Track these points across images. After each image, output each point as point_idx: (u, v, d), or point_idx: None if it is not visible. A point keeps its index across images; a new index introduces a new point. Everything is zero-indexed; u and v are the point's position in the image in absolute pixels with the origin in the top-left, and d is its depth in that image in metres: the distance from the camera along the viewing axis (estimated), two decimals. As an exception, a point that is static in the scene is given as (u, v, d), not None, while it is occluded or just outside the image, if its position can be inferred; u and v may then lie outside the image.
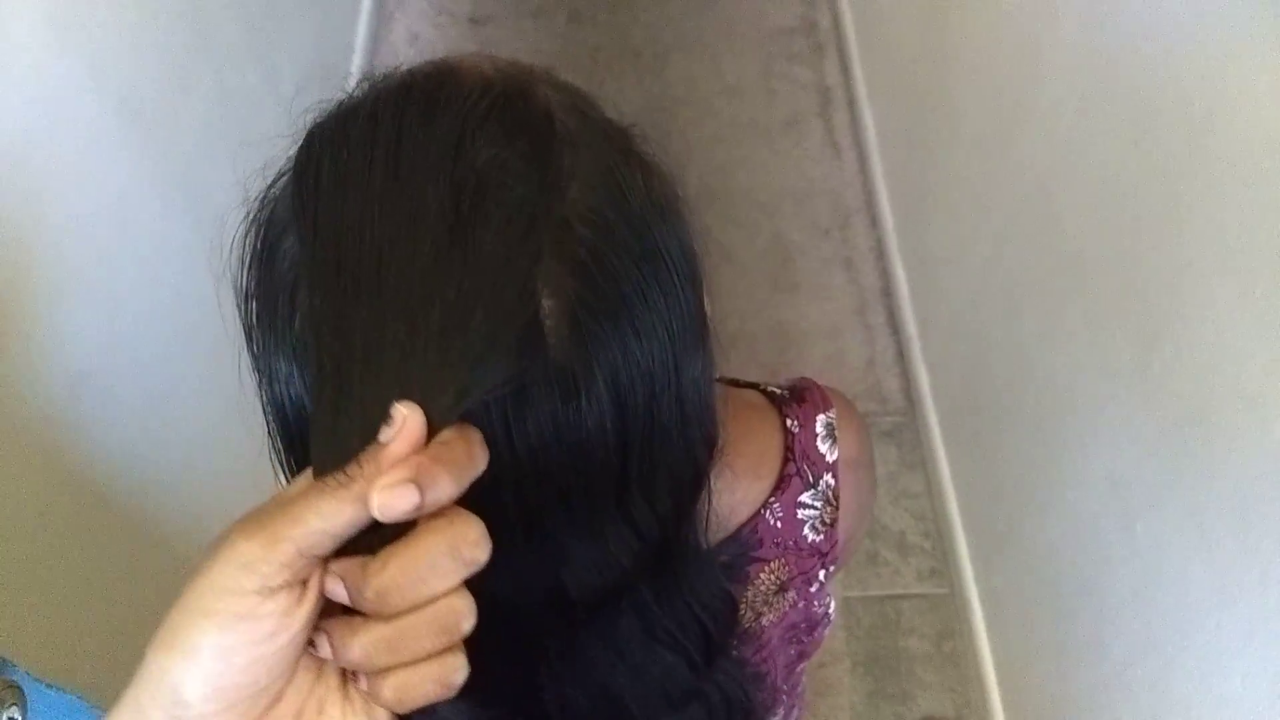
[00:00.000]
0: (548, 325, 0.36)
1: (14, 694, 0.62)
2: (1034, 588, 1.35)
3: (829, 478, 0.61)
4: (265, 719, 0.33)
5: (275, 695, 0.34)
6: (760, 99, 2.27)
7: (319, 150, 0.39)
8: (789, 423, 0.61)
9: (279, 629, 0.32)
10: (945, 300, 1.70)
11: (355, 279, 0.36)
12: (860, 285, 2.01)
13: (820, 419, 0.62)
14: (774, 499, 0.60)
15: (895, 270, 1.96)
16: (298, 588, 0.32)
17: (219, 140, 1.42)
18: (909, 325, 1.89)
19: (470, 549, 0.32)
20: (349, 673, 0.35)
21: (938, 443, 1.74)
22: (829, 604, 0.65)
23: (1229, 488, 0.85)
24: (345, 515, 0.32)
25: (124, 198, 1.16)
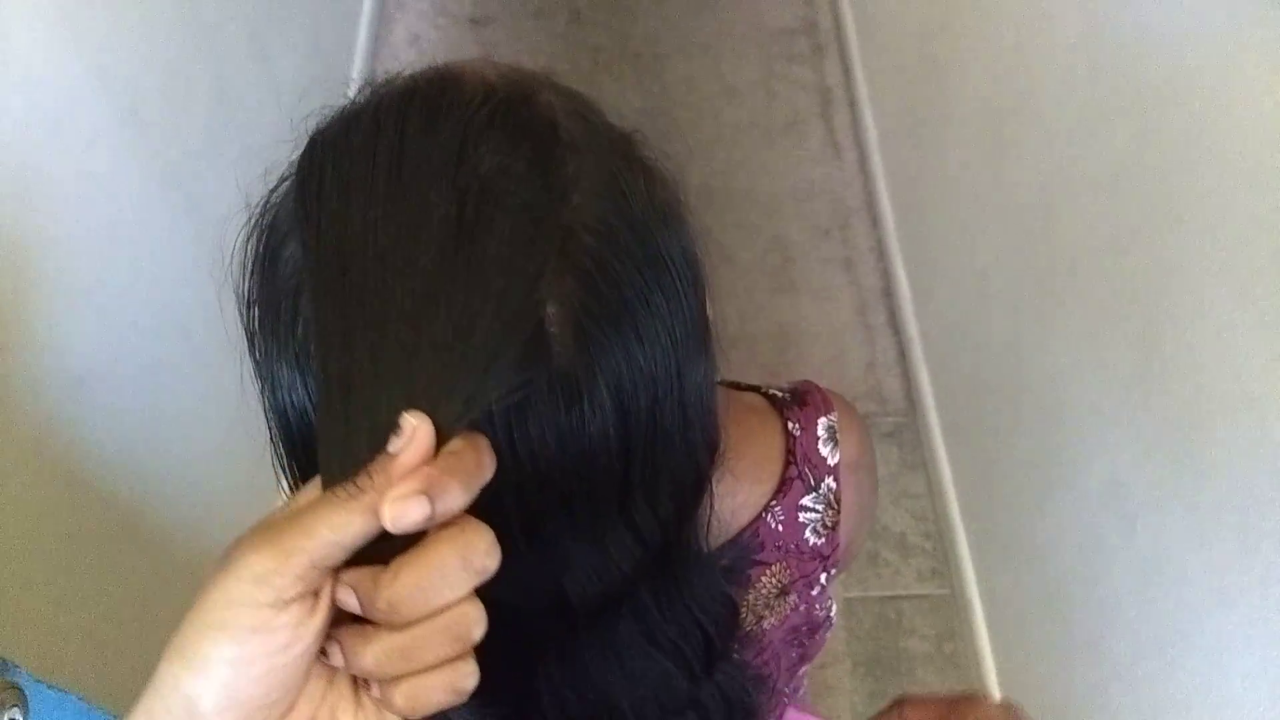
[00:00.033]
0: (552, 332, 0.36)
1: (15, 695, 0.62)
2: (1034, 588, 1.35)
3: (830, 481, 0.61)
4: None
5: (289, 705, 0.34)
6: (761, 100, 2.27)
7: (321, 158, 0.39)
8: (790, 426, 0.61)
9: (292, 640, 0.32)
10: (946, 301, 1.70)
11: (360, 287, 0.36)
12: (861, 286, 2.01)
13: (822, 422, 0.62)
14: (775, 502, 0.60)
15: (896, 271, 1.96)
16: (310, 599, 0.33)
17: (220, 143, 1.42)
18: (909, 326, 1.89)
19: (481, 558, 0.32)
20: (360, 680, 0.36)
21: (938, 444, 1.74)
22: (830, 607, 0.65)
23: (1228, 488, 0.85)
24: (356, 527, 0.32)
25: (124, 200, 1.16)
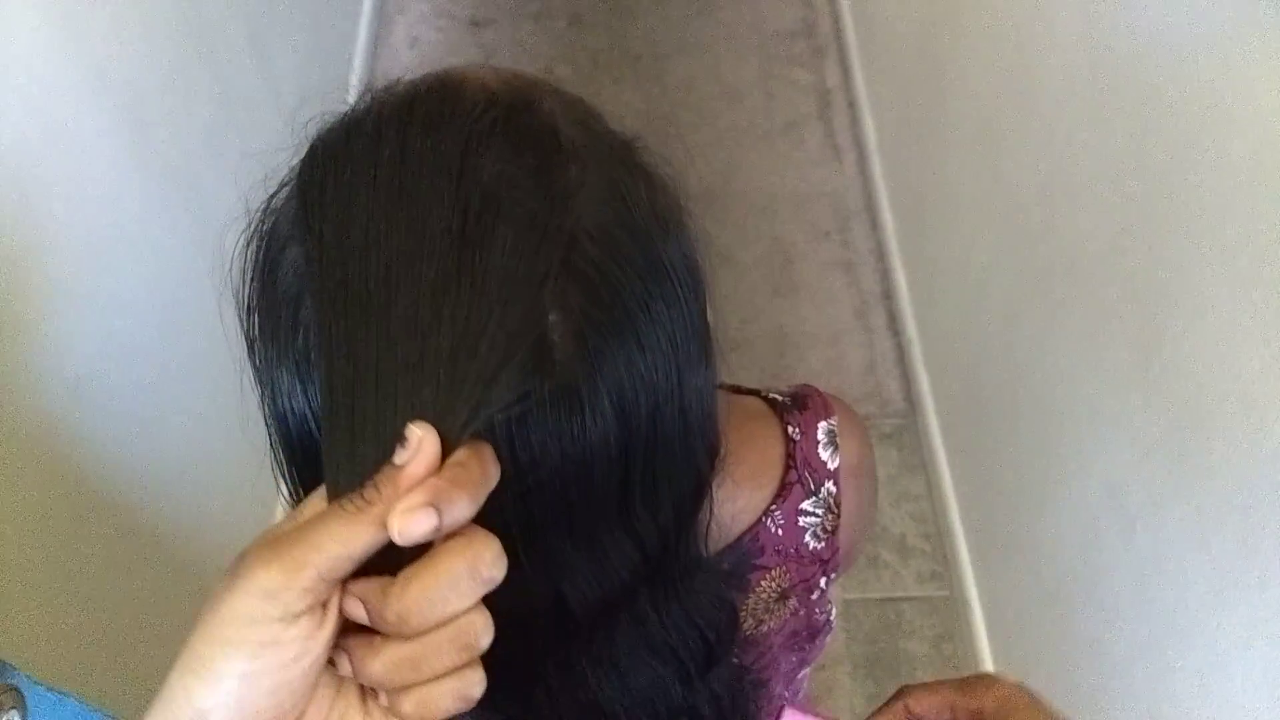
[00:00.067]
0: (555, 341, 0.36)
1: (14, 697, 0.62)
2: (1034, 590, 1.35)
3: (830, 485, 0.61)
4: None
5: (298, 714, 0.34)
6: (760, 102, 2.27)
7: (323, 166, 0.39)
8: (790, 430, 0.61)
9: (302, 653, 0.32)
10: (945, 303, 1.70)
11: (363, 298, 0.36)
12: (860, 288, 2.02)
13: (822, 426, 0.62)
14: (775, 507, 0.60)
15: (895, 273, 1.96)
16: (318, 611, 0.33)
17: (220, 144, 1.42)
18: (909, 328, 1.89)
19: (489, 568, 0.32)
20: (369, 687, 0.36)
21: (938, 445, 1.74)
22: (830, 611, 0.65)
23: (1228, 489, 0.85)
24: (364, 539, 0.32)
25: (125, 202, 1.16)
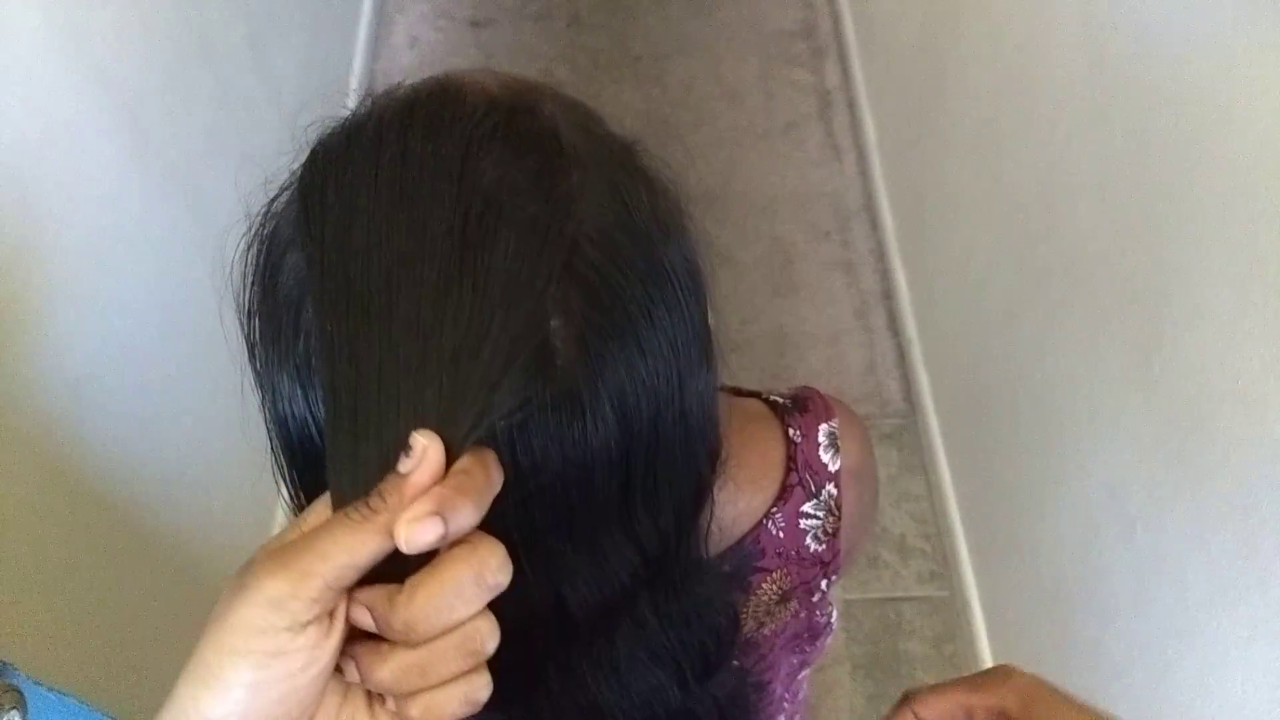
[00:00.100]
0: (557, 346, 0.36)
1: (14, 697, 0.62)
2: (1034, 590, 1.35)
3: (831, 487, 0.61)
4: None
5: None
6: (760, 102, 2.27)
7: (323, 171, 0.39)
8: (791, 432, 0.61)
9: (309, 662, 0.33)
10: (945, 303, 1.70)
11: (365, 302, 0.36)
12: (860, 288, 2.02)
13: (823, 428, 0.62)
14: (776, 509, 0.60)
15: (895, 273, 1.96)
16: (325, 620, 0.33)
17: (220, 145, 1.42)
18: (909, 328, 1.89)
19: (494, 574, 0.33)
20: (376, 693, 0.36)
21: (938, 446, 1.74)
22: (831, 613, 0.65)
23: (1228, 489, 0.85)
24: (370, 548, 0.32)
25: (125, 203, 1.16)
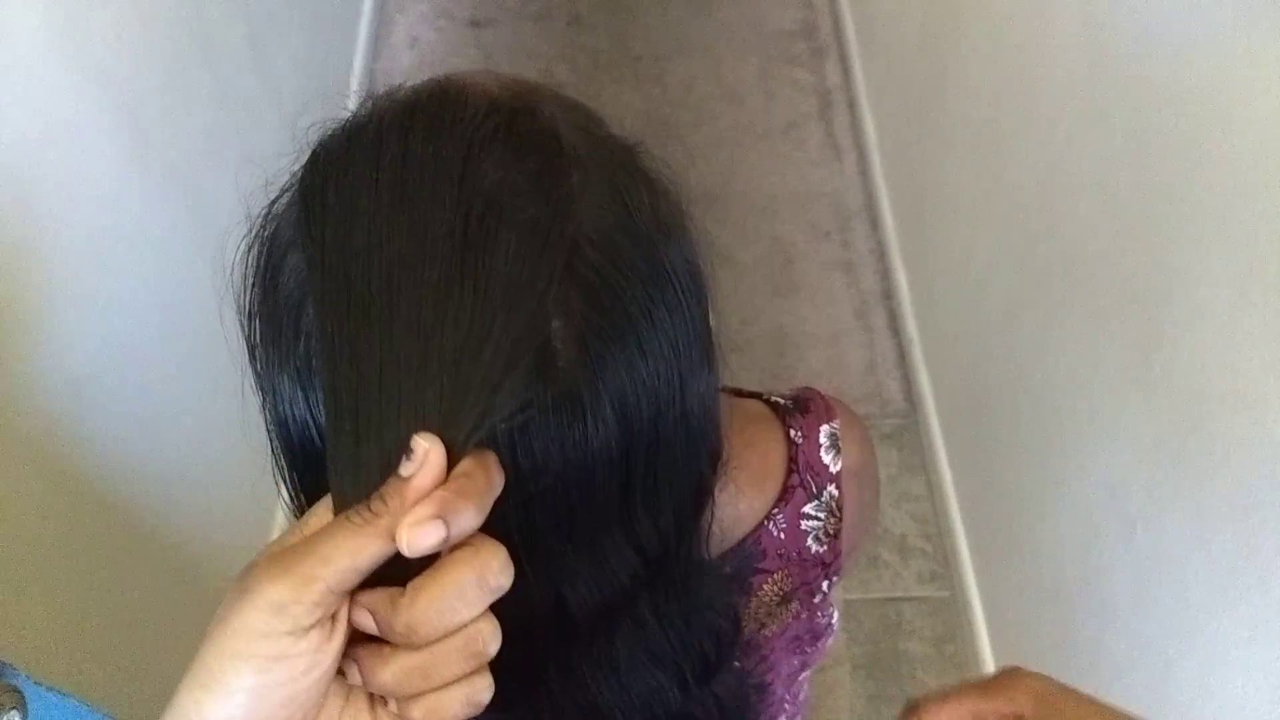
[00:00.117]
0: (557, 348, 0.36)
1: (14, 698, 0.62)
2: (1035, 590, 1.35)
3: (832, 489, 0.61)
4: None
5: None
6: (760, 102, 2.27)
7: (324, 173, 0.39)
8: (792, 433, 0.61)
9: (312, 665, 0.33)
10: (946, 303, 1.70)
11: (366, 305, 0.36)
12: (861, 288, 2.02)
13: (824, 429, 0.62)
14: (777, 510, 0.60)
15: (896, 273, 1.96)
16: (327, 623, 0.33)
17: (220, 145, 1.42)
18: (910, 328, 1.89)
19: (496, 576, 0.33)
20: (378, 695, 0.36)
21: (939, 445, 1.74)
22: (832, 614, 0.65)
23: (1228, 489, 0.85)
24: (373, 552, 0.32)
25: (125, 203, 1.16)
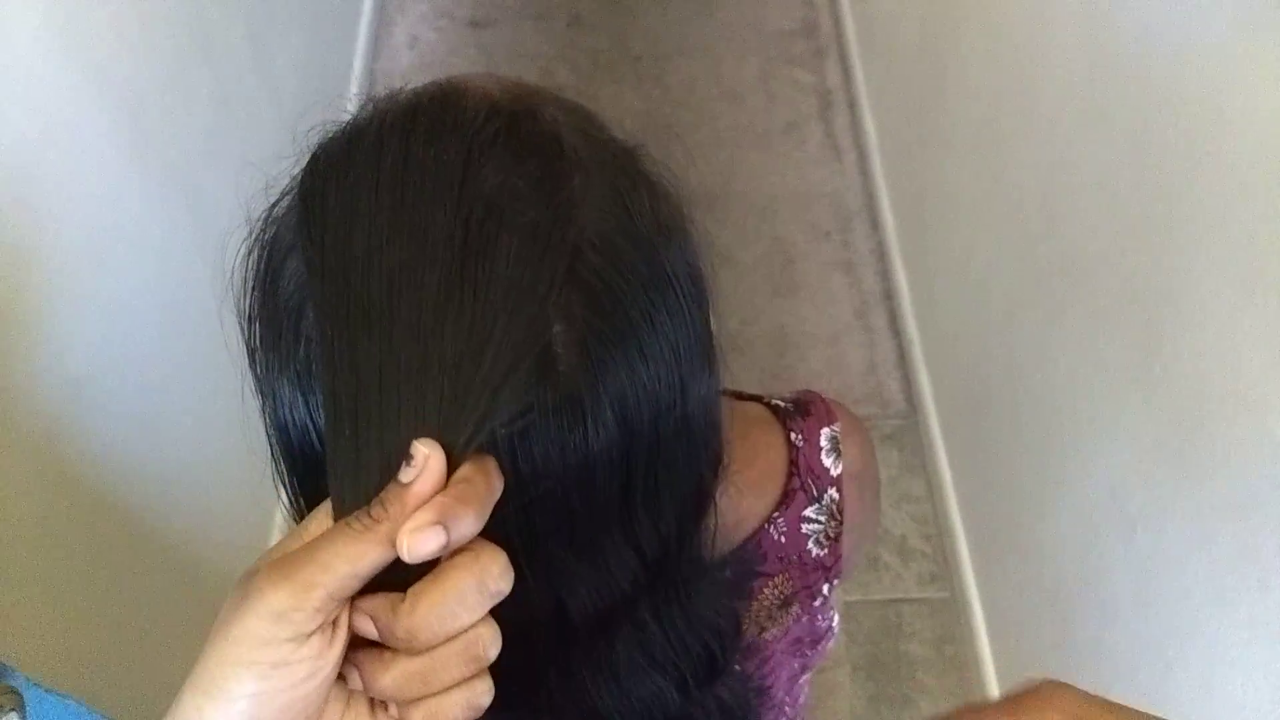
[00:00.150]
0: (558, 352, 0.36)
1: (13, 699, 0.62)
2: (1035, 591, 1.35)
3: (833, 492, 0.61)
4: None
5: None
6: (760, 102, 2.27)
7: (324, 176, 0.39)
8: (793, 436, 0.61)
9: (313, 672, 0.33)
10: (946, 303, 1.70)
11: (365, 309, 0.35)
12: (861, 288, 2.02)
13: (824, 432, 0.62)
14: (778, 514, 0.60)
15: (896, 273, 1.96)
16: (328, 629, 0.33)
17: (220, 146, 1.42)
18: (910, 328, 1.89)
19: (496, 581, 0.33)
20: (378, 699, 0.36)
21: (939, 446, 1.74)
22: (833, 617, 0.65)
23: (1229, 490, 0.85)
24: (373, 558, 0.32)
25: (125, 204, 1.16)
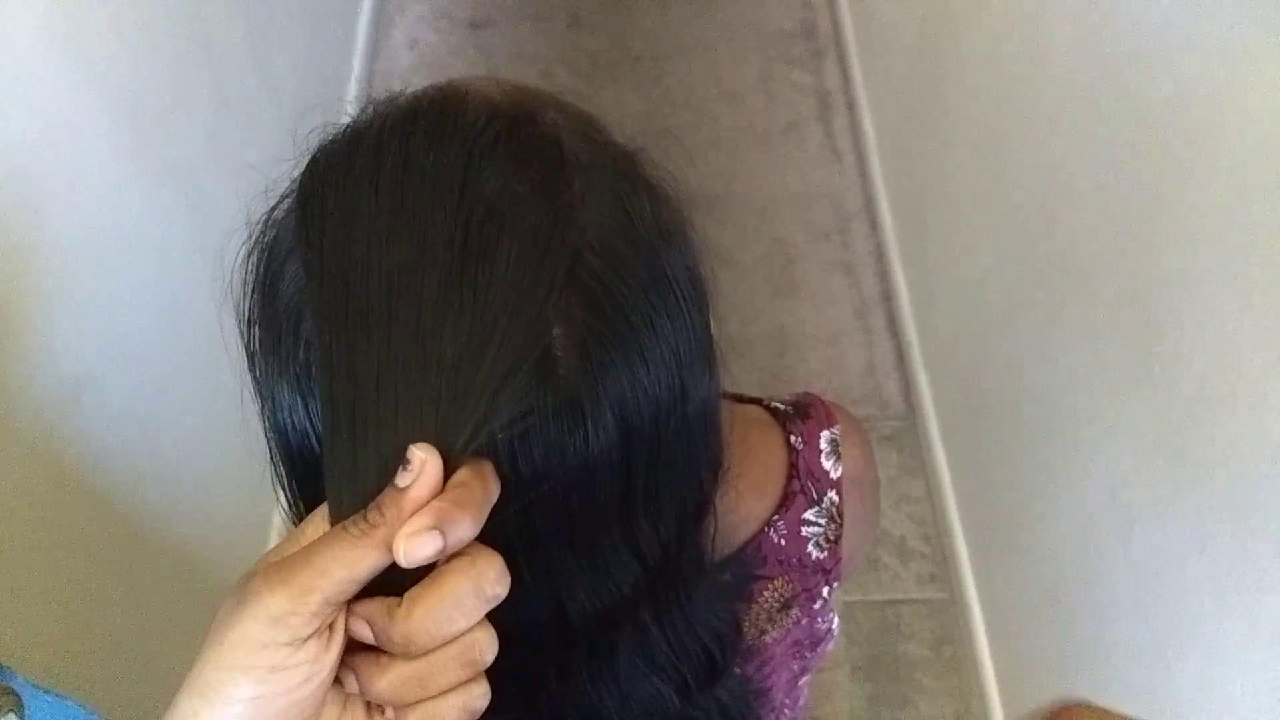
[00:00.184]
0: (558, 356, 0.36)
1: (12, 700, 0.62)
2: (1034, 592, 1.35)
3: (833, 494, 0.61)
4: None
5: None
6: (759, 103, 2.27)
7: (323, 179, 0.39)
8: (793, 439, 0.61)
9: (310, 675, 0.33)
10: (945, 304, 1.70)
11: (364, 314, 0.35)
12: (860, 289, 2.02)
13: (824, 435, 0.62)
14: (778, 517, 0.60)
15: (895, 274, 1.96)
16: (325, 633, 0.33)
17: (219, 147, 1.42)
18: (909, 329, 1.89)
19: (492, 585, 0.33)
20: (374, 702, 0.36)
21: (938, 447, 1.74)
22: (833, 620, 0.65)
23: (1228, 490, 0.85)
24: (369, 563, 0.32)
25: (124, 205, 1.16)
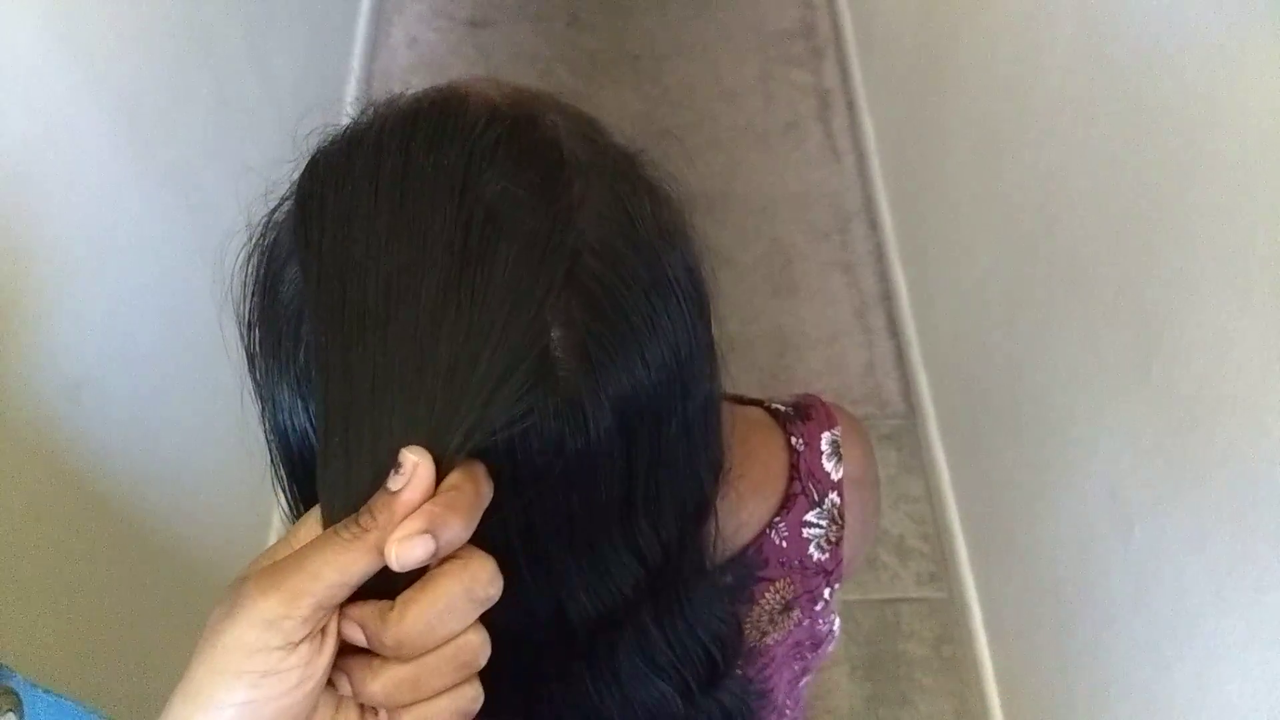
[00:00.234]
0: (558, 357, 0.36)
1: (11, 700, 0.62)
2: (1033, 592, 1.35)
3: (834, 496, 0.61)
4: None
5: None
6: (759, 103, 2.27)
7: (323, 181, 0.39)
8: (794, 441, 0.61)
9: (302, 679, 0.33)
10: (945, 304, 1.70)
11: (361, 316, 0.35)
12: (859, 289, 2.02)
13: (825, 436, 0.62)
14: (779, 518, 0.60)
15: (894, 274, 1.96)
16: (317, 637, 0.33)
17: (219, 147, 1.42)
18: (908, 329, 1.89)
19: (485, 588, 0.33)
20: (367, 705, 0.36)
21: (937, 447, 1.74)
22: (834, 621, 0.65)
23: (1227, 492, 0.85)
24: (361, 566, 0.32)
25: (123, 206, 1.16)
